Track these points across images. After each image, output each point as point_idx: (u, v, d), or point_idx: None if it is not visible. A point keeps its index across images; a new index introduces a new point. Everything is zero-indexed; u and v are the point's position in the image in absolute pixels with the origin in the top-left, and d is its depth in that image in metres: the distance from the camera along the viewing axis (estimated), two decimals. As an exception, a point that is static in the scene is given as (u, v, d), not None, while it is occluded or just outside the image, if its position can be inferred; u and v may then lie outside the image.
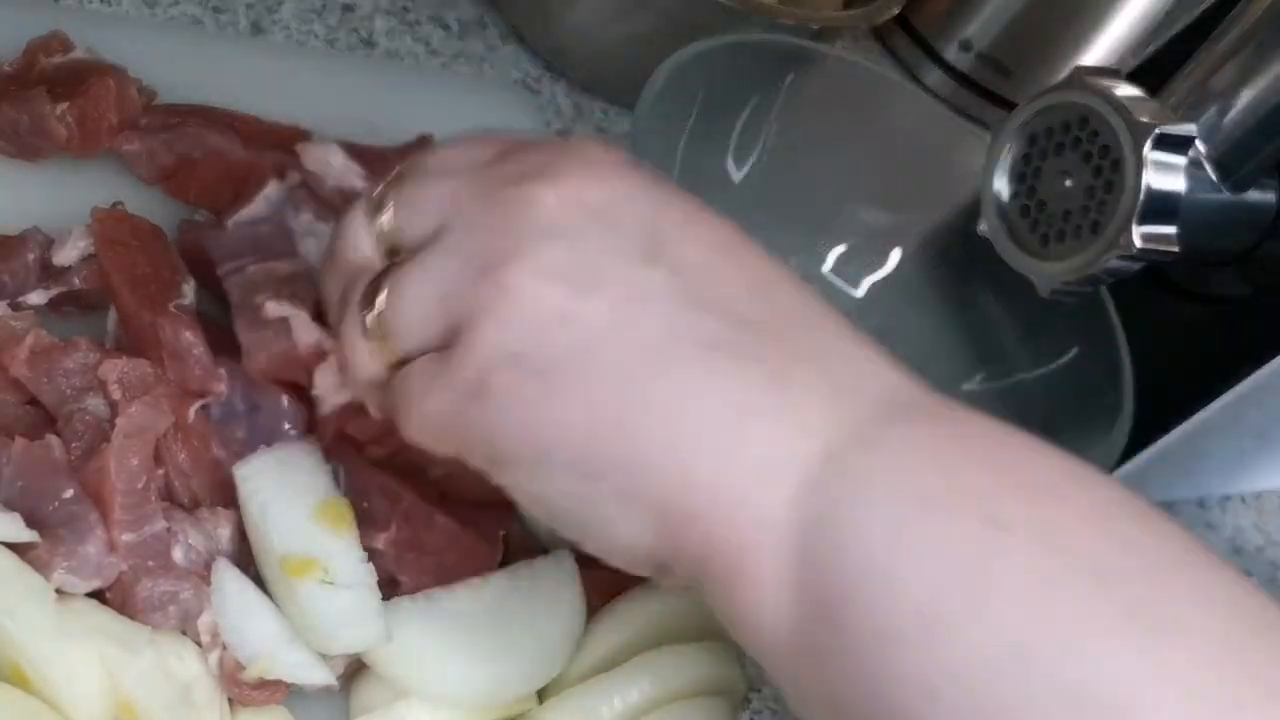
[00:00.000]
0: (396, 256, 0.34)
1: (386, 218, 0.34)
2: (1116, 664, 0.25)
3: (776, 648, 0.30)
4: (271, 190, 0.46)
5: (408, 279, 0.33)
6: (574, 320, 0.30)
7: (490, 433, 0.32)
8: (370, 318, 0.34)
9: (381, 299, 0.33)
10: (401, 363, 0.34)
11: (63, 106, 0.45)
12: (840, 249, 0.65)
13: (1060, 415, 0.56)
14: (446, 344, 0.32)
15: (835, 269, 0.65)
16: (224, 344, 0.42)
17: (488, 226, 0.32)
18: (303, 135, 0.51)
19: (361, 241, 0.35)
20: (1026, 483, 0.28)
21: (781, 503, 0.29)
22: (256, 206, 0.46)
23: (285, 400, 0.42)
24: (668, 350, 0.30)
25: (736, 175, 0.62)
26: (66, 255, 0.42)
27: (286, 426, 0.42)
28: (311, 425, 0.43)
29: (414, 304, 0.33)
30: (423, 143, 0.54)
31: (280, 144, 0.50)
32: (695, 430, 0.30)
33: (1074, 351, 0.58)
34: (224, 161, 0.48)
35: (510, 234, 0.31)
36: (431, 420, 0.33)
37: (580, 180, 0.32)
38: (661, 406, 0.30)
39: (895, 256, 0.65)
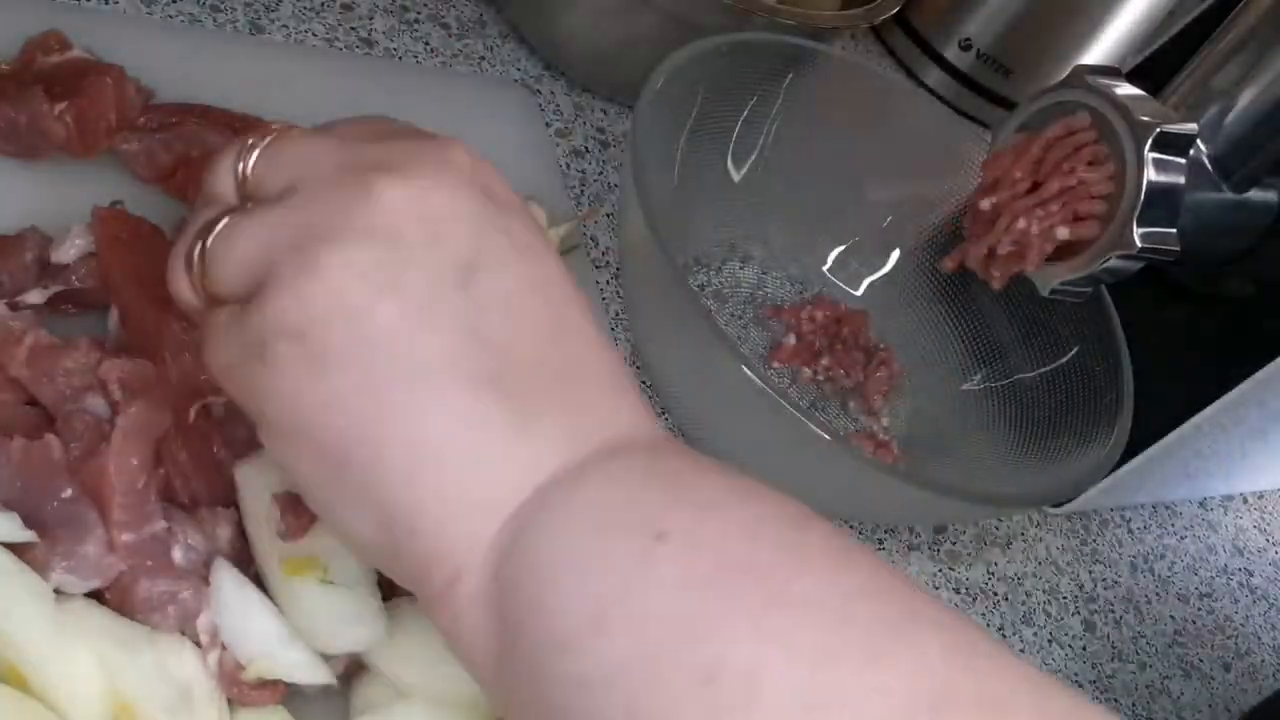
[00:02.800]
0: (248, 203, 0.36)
1: (248, 164, 0.35)
2: (736, 637, 0.28)
3: (484, 666, 0.32)
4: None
5: (238, 227, 0.34)
6: (362, 319, 0.31)
7: (260, 395, 0.33)
8: (196, 251, 0.35)
9: (211, 237, 0.34)
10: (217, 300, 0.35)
11: (61, 106, 0.44)
12: (840, 248, 0.65)
13: (1060, 415, 0.56)
14: (252, 298, 0.33)
15: (835, 268, 0.65)
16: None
17: (325, 201, 0.33)
18: (302, 134, 0.51)
19: (223, 179, 0.36)
20: (696, 500, 0.31)
21: (493, 533, 0.31)
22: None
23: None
24: (439, 374, 0.31)
25: (736, 175, 0.62)
26: (65, 254, 0.42)
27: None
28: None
29: (235, 252, 0.34)
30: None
31: (279, 143, 0.50)
32: (436, 456, 0.31)
33: (1074, 351, 0.58)
34: (223, 161, 0.47)
35: (340, 215, 0.32)
36: (218, 366, 0.34)
37: (428, 184, 0.33)
38: (414, 425, 0.31)
39: (895, 256, 0.65)
